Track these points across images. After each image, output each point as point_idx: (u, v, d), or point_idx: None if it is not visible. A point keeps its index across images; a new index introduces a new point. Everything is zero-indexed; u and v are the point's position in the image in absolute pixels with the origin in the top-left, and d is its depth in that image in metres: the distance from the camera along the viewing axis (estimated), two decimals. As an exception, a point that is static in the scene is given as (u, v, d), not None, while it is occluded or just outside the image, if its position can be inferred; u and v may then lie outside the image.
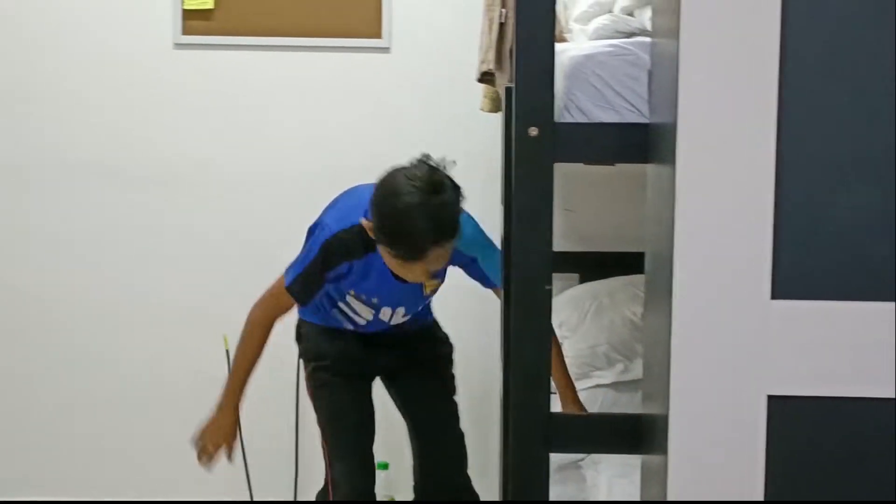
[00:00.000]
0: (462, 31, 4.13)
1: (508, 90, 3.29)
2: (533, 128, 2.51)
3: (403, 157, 4.22)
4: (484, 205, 4.13)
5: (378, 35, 4.31)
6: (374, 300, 3.35)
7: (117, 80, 4.37)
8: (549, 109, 2.53)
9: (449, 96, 4.29)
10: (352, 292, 3.33)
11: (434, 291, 3.43)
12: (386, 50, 4.33)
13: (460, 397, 3.59)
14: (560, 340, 3.71)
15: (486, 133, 4.16)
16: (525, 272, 2.57)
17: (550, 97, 2.53)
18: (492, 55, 3.61)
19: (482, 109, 3.98)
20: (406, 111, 4.17)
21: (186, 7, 4.28)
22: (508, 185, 3.12)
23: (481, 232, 3.35)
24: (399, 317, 3.45)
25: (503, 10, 3.56)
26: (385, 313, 3.40)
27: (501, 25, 3.57)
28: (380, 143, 4.23)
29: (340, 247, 3.22)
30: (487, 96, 3.93)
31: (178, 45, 4.34)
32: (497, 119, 3.96)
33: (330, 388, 3.51)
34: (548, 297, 2.57)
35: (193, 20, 4.31)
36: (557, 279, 3.27)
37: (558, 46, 2.63)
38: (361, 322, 3.44)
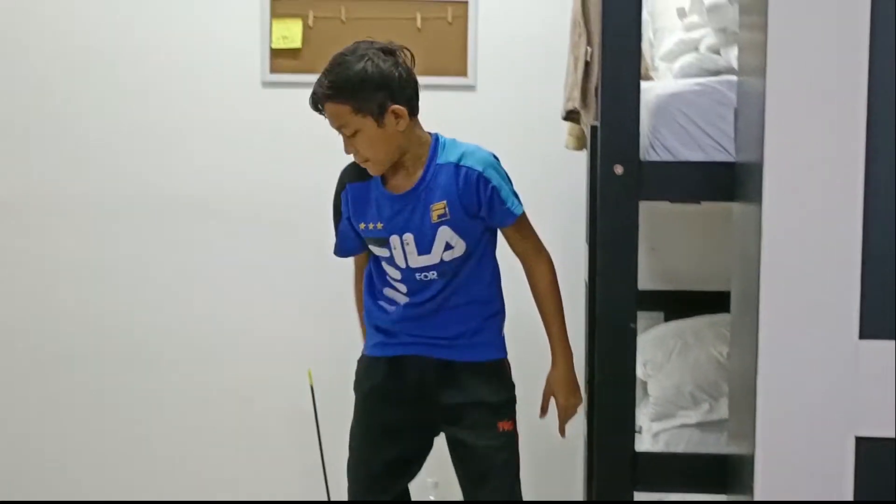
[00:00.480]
0: (547, 69, 4.14)
1: (594, 128, 3.30)
2: (618, 166, 2.51)
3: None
4: (569, 243, 4.12)
5: (464, 73, 4.33)
6: (380, 225, 3.25)
7: (206, 117, 4.42)
8: (634, 147, 2.54)
9: (534, 134, 4.28)
10: (361, 225, 3.28)
11: (443, 219, 3.18)
12: (471, 88, 4.34)
13: (543, 434, 3.54)
14: (644, 379, 3.70)
15: (571, 171, 4.16)
16: (610, 310, 2.57)
17: (636, 135, 2.54)
18: (577, 93, 3.61)
19: (567, 147, 3.99)
20: (491, 148, 4.16)
21: (275, 46, 4.34)
22: (593, 223, 3.12)
23: (496, 164, 3.26)
24: (416, 255, 3.22)
25: (588, 49, 3.57)
26: (395, 243, 3.22)
27: (587, 64, 3.57)
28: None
29: (341, 174, 3.35)
30: (573, 134, 3.93)
31: (266, 84, 4.39)
32: (582, 157, 3.96)
33: (355, 440, 3.42)
34: (632, 335, 2.57)
35: (281, 58, 4.36)
36: (642, 317, 3.25)
37: (644, 84, 2.63)
38: (398, 282, 3.30)
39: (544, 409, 3.32)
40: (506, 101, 4.33)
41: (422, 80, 4.27)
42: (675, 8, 3.47)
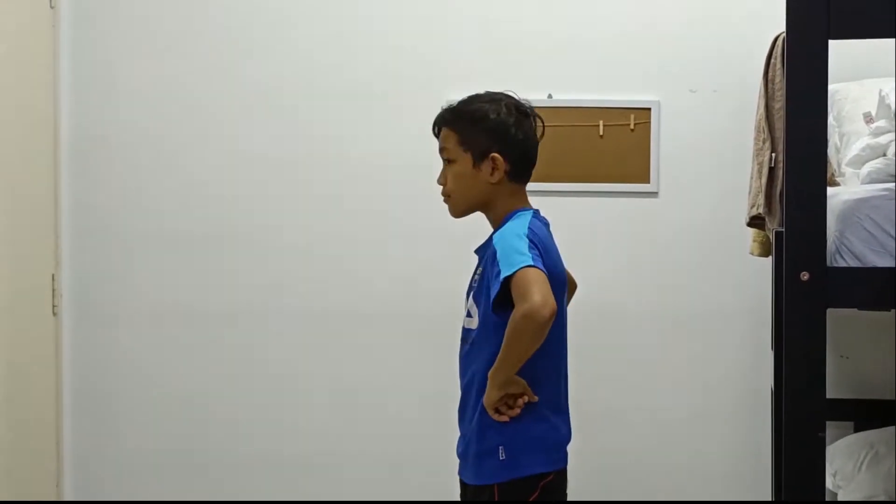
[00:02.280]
0: (730, 175, 4.10)
1: (779, 234, 3.28)
2: (804, 272, 2.49)
3: (672, 301, 4.23)
4: (754, 350, 4.07)
5: (646, 180, 4.33)
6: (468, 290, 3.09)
7: (391, 225, 4.46)
8: (821, 254, 2.51)
9: (718, 240, 4.24)
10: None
11: (475, 285, 3.02)
12: (654, 194, 4.33)
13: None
14: (834, 490, 3.61)
15: (756, 277, 4.11)
16: (797, 419, 2.53)
17: (822, 241, 2.51)
18: (762, 199, 3.59)
19: (752, 253, 3.95)
20: (674, 255, 4.13)
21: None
22: (779, 331, 3.08)
23: (515, 234, 2.90)
24: (472, 320, 3.01)
25: (773, 154, 3.55)
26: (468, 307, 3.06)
27: (771, 169, 3.55)
28: (648, 287, 4.22)
29: None
30: (757, 240, 3.90)
31: (451, 192, 4.43)
32: (767, 263, 3.92)
33: None
34: (821, 445, 2.52)
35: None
36: (831, 427, 3.18)
37: (830, 190, 2.62)
38: None
39: None
40: (689, 208, 4.30)
41: (604, 186, 4.33)
42: (862, 113, 3.45)
